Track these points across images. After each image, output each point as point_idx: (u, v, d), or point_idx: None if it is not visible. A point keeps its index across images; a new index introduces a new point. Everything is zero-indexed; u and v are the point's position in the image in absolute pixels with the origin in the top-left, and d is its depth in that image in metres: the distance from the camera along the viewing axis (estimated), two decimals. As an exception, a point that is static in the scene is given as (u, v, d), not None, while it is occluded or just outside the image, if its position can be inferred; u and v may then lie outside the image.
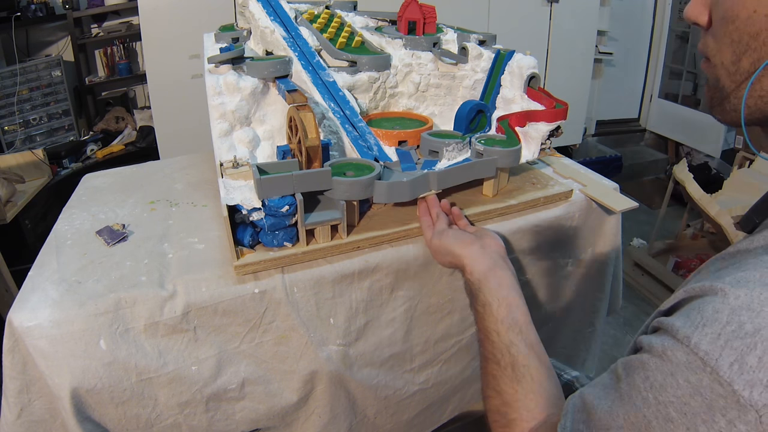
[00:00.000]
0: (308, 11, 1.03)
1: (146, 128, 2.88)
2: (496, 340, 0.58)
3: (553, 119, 0.85)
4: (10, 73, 2.62)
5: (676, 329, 0.36)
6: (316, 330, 0.73)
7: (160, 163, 1.14)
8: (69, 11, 2.70)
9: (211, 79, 0.80)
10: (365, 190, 0.71)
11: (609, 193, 0.91)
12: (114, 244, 0.75)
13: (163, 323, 0.66)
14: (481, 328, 0.61)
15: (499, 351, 0.57)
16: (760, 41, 0.39)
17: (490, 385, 0.57)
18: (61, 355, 0.63)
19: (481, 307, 0.61)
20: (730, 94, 0.43)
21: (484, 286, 0.62)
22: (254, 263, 0.69)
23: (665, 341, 0.37)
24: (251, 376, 0.73)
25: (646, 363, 0.38)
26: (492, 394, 0.56)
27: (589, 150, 3.48)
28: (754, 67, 0.40)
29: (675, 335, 0.36)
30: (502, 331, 0.58)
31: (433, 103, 1.00)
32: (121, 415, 0.68)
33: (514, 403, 0.53)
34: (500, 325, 0.58)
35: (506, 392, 0.55)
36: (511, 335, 0.57)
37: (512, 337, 0.57)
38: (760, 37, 0.39)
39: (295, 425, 0.80)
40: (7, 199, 1.86)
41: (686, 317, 0.37)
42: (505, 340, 0.57)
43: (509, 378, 0.55)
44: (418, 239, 0.77)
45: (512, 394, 0.54)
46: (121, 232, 0.77)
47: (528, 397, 0.53)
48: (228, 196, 0.69)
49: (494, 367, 0.57)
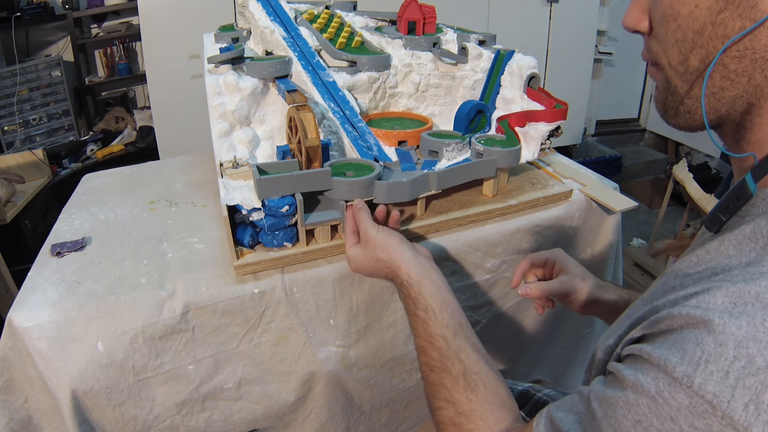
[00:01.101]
0: (308, 11, 1.03)
1: (146, 128, 2.87)
2: (444, 347, 0.54)
3: (552, 119, 0.85)
4: (9, 73, 2.62)
5: (672, 366, 0.31)
6: (316, 331, 0.73)
7: (160, 163, 1.14)
8: (69, 11, 2.69)
9: (211, 79, 0.80)
10: (365, 190, 0.71)
11: (609, 193, 0.91)
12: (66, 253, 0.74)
13: (161, 323, 0.66)
14: (424, 334, 0.56)
15: (448, 359, 0.54)
16: (706, 36, 0.38)
17: (440, 395, 0.53)
18: (60, 356, 0.63)
19: (424, 312, 0.57)
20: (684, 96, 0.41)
21: (424, 289, 0.58)
22: (254, 263, 0.69)
23: (658, 379, 0.32)
24: (248, 376, 0.73)
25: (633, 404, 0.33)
26: (443, 404, 0.53)
27: (589, 150, 3.47)
28: (703, 64, 0.39)
29: (671, 373, 0.31)
30: (449, 336, 0.55)
31: (433, 103, 1.00)
32: (119, 416, 0.67)
33: (470, 413, 0.51)
34: (446, 330, 0.55)
35: (460, 402, 0.51)
36: (458, 340, 0.55)
37: (459, 342, 0.54)
38: (705, 31, 0.37)
39: (293, 425, 0.80)
40: (7, 199, 1.86)
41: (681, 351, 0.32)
42: (453, 346, 0.54)
43: (462, 387, 0.52)
44: (418, 239, 0.77)
45: (467, 403, 0.51)
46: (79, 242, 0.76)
47: (483, 406, 0.51)
48: (228, 196, 0.69)
49: (444, 376, 0.53)
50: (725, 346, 0.30)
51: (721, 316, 0.31)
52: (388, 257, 0.61)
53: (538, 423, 0.41)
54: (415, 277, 0.59)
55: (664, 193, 2.28)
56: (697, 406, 0.30)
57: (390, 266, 0.61)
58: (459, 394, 0.51)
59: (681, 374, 0.31)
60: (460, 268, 0.81)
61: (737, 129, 0.41)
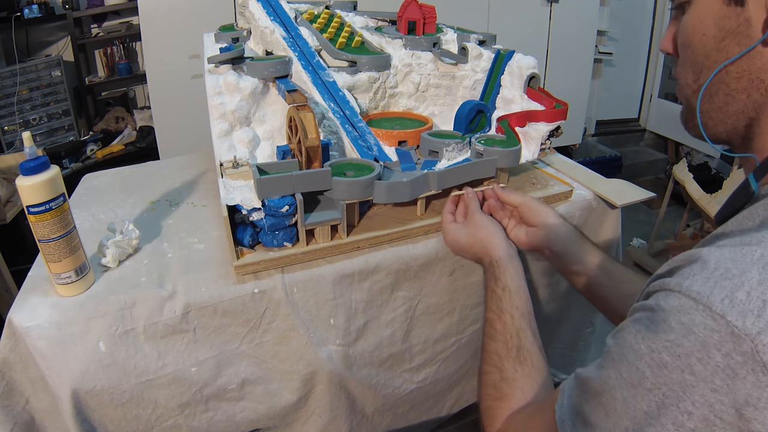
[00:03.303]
0: (308, 11, 1.03)
1: (146, 128, 2.88)
2: (509, 322, 0.62)
3: (553, 119, 0.85)
4: (10, 73, 2.63)
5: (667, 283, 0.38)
6: (316, 330, 0.73)
7: (160, 163, 1.14)
8: (69, 11, 2.69)
9: (211, 79, 0.80)
10: (365, 190, 0.71)
11: (611, 188, 0.91)
12: None
13: (162, 323, 0.66)
14: (495, 308, 0.65)
15: (509, 333, 0.61)
16: (712, 60, 0.45)
17: (492, 362, 0.61)
18: (61, 356, 0.63)
19: (501, 290, 0.66)
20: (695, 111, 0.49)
21: (508, 272, 0.67)
22: (254, 263, 0.69)
23: (658, 297, 0.38)
24: (251, 376, 0.73)
25: (638, 320, 0.39)
26: (491, 369, 0.60)
27: (589, 150, 3.48)
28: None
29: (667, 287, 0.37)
30: (516, 316, 0.63)
31: (433, 103, 1.00)
32: (121, 416, 0.67)
33: (512, 381, 0.58)
34: (515, 310, 0.63)
35: (507, 370, 0.59)
36: (522, 322, 0.62)
37: (523, 324, 0.62)
38: (711, 56, 0.45)
39: (295, 425, 0.80)
40: (7, 199, 1.86)
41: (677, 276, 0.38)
42: (517, 325, 0.62)
43: (513, 358, 0.59)
44: (418, 239, 0.77)
45: (512, 372, 0.58)
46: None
47: (525, 379, 0.57)
48: (228, 196, 0.69)
49: (500, 346, 0.61)
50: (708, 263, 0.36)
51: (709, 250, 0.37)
52: (485, 237, 0.71)
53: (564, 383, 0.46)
54: (504, 260, 0.69)
55: (664, 193, 2.28)
56: (684, 305, 0.35)
57: (485, 245, 0.71)
58: (508, 363, 0.59)
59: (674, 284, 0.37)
60: (460, 267, 0.81)
61: (743, 141, 0.48)
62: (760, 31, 0.42)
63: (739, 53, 0.43)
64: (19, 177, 0.60)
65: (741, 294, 0.33)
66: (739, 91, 0.45)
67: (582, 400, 0.42)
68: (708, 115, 0.48)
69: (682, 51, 0.49)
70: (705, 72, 0.46)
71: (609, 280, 0.69)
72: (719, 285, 0.34)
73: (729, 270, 0.35)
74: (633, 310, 0.41)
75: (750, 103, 0.45)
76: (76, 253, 0.65)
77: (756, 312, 0.32)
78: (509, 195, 0.77)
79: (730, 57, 0.44)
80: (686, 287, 0.36)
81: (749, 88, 0.44)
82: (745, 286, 0.33)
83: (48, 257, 0.63)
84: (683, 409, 0.34)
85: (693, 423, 0.34)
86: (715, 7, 0.44)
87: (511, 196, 0.77)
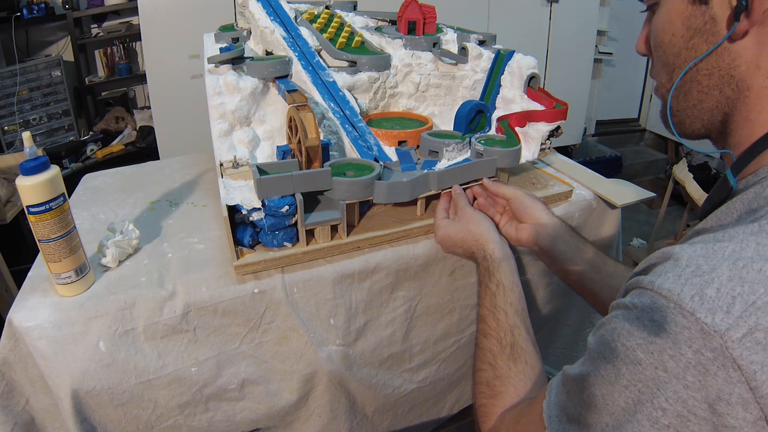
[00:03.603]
0: (308, 11, 1.03)
1: (146, 128, 2.88)
2: (503, 319, 0.62)
3: (553, 119, 0.85)
4: (10, 73, 2.62)
5: (641, 281, 0.38)
6: (316, 330, 0.73)
7: (160, 163, 1.13)
8: (69, 11, 2.69)
9: (211, 79, 0.80)
10: (365, 190, 0.71)
11: (611, 188, 0.91)
12: None
13: (162, 323, 0.66)
14: (489, 305, 0.64)
15: (503, 330, 0.61)
16: (682, 59, 0.47)
17: (486, 359, 0.61)
18: (61, 356, 0.63)
19: (495, 286, 0.65)
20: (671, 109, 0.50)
21: (502, 268, 0.67)
22: (254, 263, 0.69)
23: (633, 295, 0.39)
24: (251, 376, 0.73)
25: (613, 318, 0.39)
26: (485, 367, 0.60)
27: (589, 150, 3.48)
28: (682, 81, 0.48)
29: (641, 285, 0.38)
30: (510, 313, 0.63)
31: (433, 103, 1.00)
32: (121, 416, 0.67)
33: (506, 379, 0.57)
34: (509, 306, 0.63)
35: (500, 367, 0.59)
36: (516, 319, 0.62)
37: (517, 321, 0.62)
38: (681, 55, 0.47)
39: (295, 425, 0.80)
40: (7, 199, 1.86)
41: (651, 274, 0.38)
42: (510, 322, 0.62)
43: (507, 356, 0.59)
44: (418, 239, 0.77)
45: (506, 370, 0.58)
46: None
47: (518, 377, 0.57)
48: (228, 196, 0.69)
49: (494, 343, 0.61)
50: (680, 260, 0.37)
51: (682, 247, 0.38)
52: (479, 232, 0.71)
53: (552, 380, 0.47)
54: (498, 255, 0.68)
55: (664, 193, 2.28)
56: (656, 302, 0.36)
57: (478, 240, 0.70)
58: (502, 361, 0.59)
59: (647, 282, 0.37)
60: (460, 267, 0.81)
61: (721, 136, 0.49)
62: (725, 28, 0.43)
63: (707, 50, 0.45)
64: (19, 177, 0.60)
65: (711, 291, 0.34)
66: (711, 87, 0.46)
67: (567, 397, 0.43)
68: (684, 113, 0.49)
69: (655, 51, 0.51)
70: (677, 71, 0.48)
71: (598, 275, 0.68)
72: (689, 282, 0.35)
73: (700, 267, 0.35)
74: (612, 308, 0.42)
75: (723, 98, 0.46)
76: (76, 253, 0.65)
77: (725, 308, 0.33)
78: (500, 187, 0.77)
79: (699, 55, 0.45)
80: (658, 285, 0.36)
81: (721, 84, 0.45)
82: (715, 282, 0.34)
83: (48, 257, 0.63)
84: (657, 406, 0.35)
85: (668, 419, 0.34)
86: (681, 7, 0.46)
87: (502, 188, 0.77)
